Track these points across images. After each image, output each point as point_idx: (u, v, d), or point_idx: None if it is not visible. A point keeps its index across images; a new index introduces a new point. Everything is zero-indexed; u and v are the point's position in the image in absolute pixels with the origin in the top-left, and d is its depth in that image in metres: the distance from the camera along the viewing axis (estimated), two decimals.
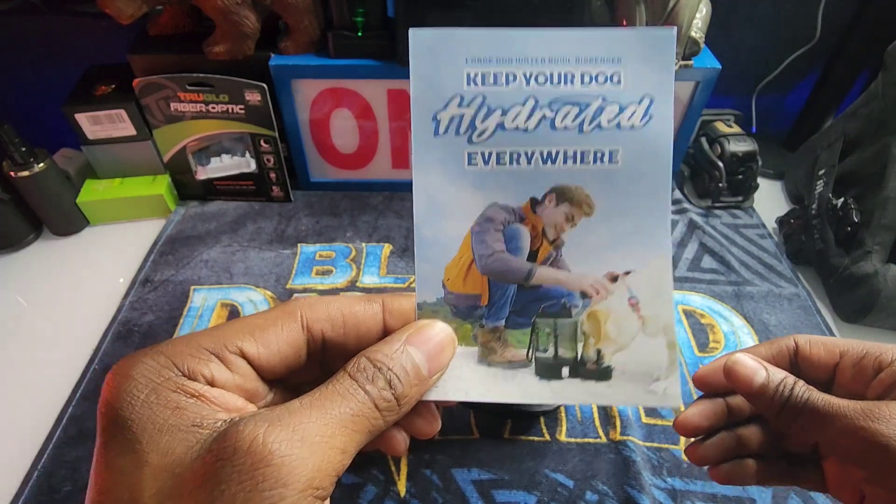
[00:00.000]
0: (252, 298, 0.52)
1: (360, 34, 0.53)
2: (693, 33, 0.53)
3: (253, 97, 0.55)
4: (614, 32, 0.22)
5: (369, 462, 0.40)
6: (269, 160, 0.60)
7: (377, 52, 0.54)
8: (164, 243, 0.58)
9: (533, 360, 0.24)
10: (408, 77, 0.22)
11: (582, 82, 0.22)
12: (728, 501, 0.39)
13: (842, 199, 0.53)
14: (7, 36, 0.63)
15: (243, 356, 0.21)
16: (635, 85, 0.22)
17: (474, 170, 0.23)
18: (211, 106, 0.56)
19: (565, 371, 0.23)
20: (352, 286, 0.54)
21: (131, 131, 0.58)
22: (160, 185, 0.61)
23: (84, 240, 0.60)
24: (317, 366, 0.23)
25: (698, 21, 0.54)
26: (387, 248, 0.58)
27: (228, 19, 0.51)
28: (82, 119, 0.56)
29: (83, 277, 0.55)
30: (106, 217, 0.61)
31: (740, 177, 0.61)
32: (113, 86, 0.57)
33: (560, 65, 0.22)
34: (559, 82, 0.22)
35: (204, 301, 0.52)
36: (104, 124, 0.57)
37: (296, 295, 0.24)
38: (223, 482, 0.17)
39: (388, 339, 0.22)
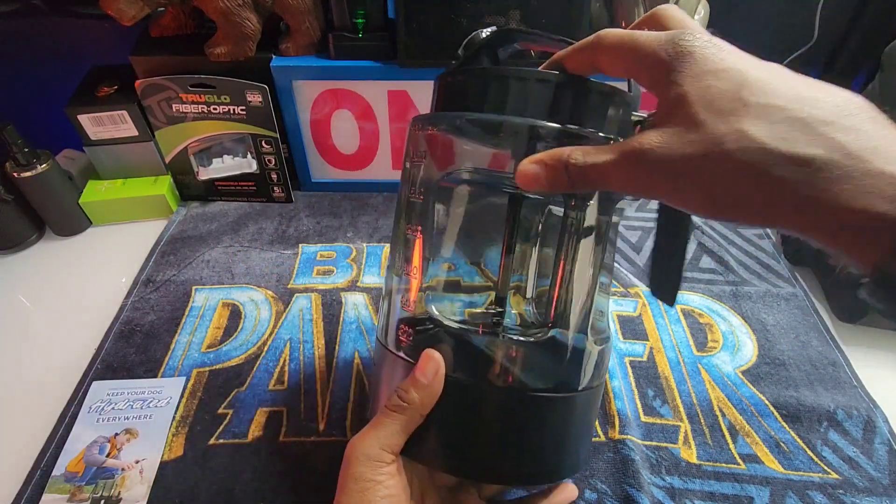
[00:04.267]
0: (253, 298, 0.52)
1: (360, 35, 0.54)
2: None
3: (254, 98, 0.55)
4: None
5: None
6: (270, 161, 0.60)
7: (378, 53, 0.55)
8: (166, 243, 0.58)
9: None
10: (407, 78, 0.23)
11: None
12: (726, 500, 0.39)
13: None
14: (10, 37, 0.63)
15: None
16: None
17: None
18: (212, 107, 0.56)
19: None
20: (353, 286, 0.54)
21: (133, 132, 0.58)
22: (162, 186, 0.61)
23: (86, 240, 0.60)
24: None
25: (696, 23, 0.54)
26: (387, 249, 0.58)
27: (230, 21, 0.51)
28: (85, 120, 0.56)
29: (85, 277, 0.56)
30: (108, 217, 0.61)
31: None
32: (115, 87, 0.57)
33: None
34: None
35: (206, 301, 0.52)
36: (106, 125, 0.57)
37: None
38: None
39: None
